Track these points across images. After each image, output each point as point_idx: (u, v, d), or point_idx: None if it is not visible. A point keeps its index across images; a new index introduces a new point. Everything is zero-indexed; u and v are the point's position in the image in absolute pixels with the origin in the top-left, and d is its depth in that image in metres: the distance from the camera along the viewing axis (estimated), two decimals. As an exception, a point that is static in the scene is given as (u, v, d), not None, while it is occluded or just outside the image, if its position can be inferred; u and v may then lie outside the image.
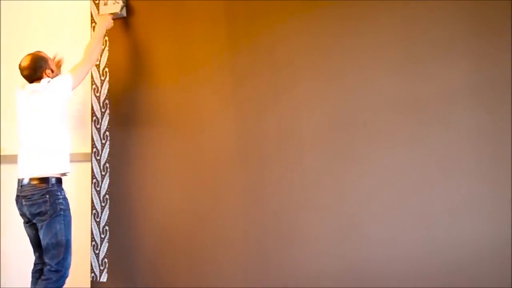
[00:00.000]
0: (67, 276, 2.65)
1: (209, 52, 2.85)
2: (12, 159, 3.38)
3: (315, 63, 2.64)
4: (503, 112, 2.34)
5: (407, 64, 2.49)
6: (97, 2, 3.14)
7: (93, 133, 3.10)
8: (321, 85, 2.63)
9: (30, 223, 2.68)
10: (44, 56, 2.79)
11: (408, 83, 2.48)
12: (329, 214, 2.58)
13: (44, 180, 2.61)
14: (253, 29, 2.76)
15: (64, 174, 2.75)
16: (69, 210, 2.68)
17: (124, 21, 3.05)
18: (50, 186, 2.61)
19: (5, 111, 3.49)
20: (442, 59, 2.43)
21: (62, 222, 2.60)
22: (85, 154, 3.15)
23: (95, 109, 3.11)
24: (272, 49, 2.72)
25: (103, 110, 3.08)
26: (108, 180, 3.04)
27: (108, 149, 3.05)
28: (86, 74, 2.86)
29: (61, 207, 2.62)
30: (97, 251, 3.02)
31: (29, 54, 2.77)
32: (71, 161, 2.82)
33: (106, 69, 3.09)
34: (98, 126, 3.09)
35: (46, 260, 2.61)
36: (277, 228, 2.67)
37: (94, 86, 3.12)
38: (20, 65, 2.75)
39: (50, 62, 2.80)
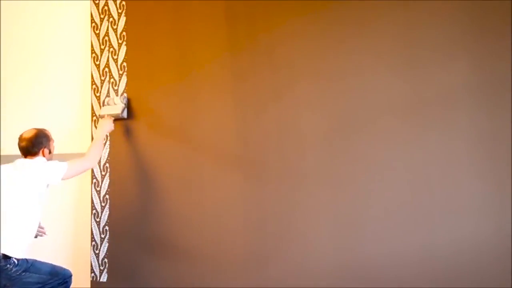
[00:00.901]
0: (70, 276, 2.57)
1: (209, 52, 2.85)
2: (12, 159, 3.38)
3: (315, 64, 2.64)
4: (502, 113, 2.34)
5: (406, 66, 2.49)
6: (97, 2, 3.15)
7: (93, 133, 3.10)
8: (321, 86, 2.63)
9: None
10: (48, 134, 2.68)
11: (407, 84, 2.48)
12: (329, 214, 2.59)
13: None
14: (253, 30, 2.76)
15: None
16: (28, 261, 2.43)
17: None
18: None
19: (5, 111, 3.50)
20: (442, 60, 2.43)
21: (33, 274, 2.42)
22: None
23: (95, 109, 3.11)
24: (272, 50, 2.72)
25: (103, 110, 3.09)
26: (108, 180, 3.04)
27: (108, 150, 3.05)
28: (81, 172, 2.74)
29: (19, 271, 2.38)
30: (97, 251, 3.02)
31: (34, 128, 2.66)
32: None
33: (106, 69, 3.09)
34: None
35: None
36: (276, 228, 2.67)
37: (94, 86, 3.12)
38: (21, 135, 2.65)
39: (51, 143, 2.68)
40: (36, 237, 2.65)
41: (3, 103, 3.52)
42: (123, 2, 3.08)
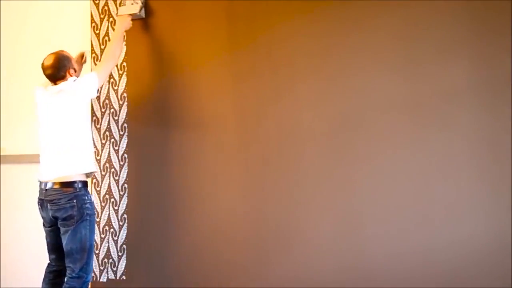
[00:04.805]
0: (89, 281, 2.58)
1: (209, 52, 2.85)
2: (12, 159, 3.38)
3: (315, 64, 2.65)
4: (503, 112, 2.34)
5: (407, 65, 2.49)
6: (97, 2, 3.15)
7: (93, 133, 3.10)
8: (321, 86, 2.63)
9: (52, 227, 2.60)
10: (68, 55, 2.69)
11: (408, 83, 2.49)
12: (329, 214, 2.59)
13: (70, 184, 2.52)
14: (253, 29, 2.77)
15: (89, 175, 2.67)
16: (94, 214, 2.61)
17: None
18: (77, 191, 2.52)
19: (5, 111, 3.50)
20: (442, 59, 2.44)
21: (88, 227, 2.52)
22: (85, 154, 3.15)
23: (95, 109, 3.11)
24: (272, 49, 2.72)
25: (103, 110, 3.09)
26: (108, 181, 3.04)
27: (108, 149, 3.05)
28: (109, 72, 2.84)
29: (88, 212, 2.53)
30: (97, 251, 3.02)
31: (52, 53, 2.66)
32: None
33: (106, 69, 3.09)
34: (98, 126, 3.09)
35: (69, 265, 2.51)
36: (277, 228, 2.67)
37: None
38: (43, 64, 2.65)
39: (73, 62, 2.70)
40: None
41: (3, 103, 3.52)
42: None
